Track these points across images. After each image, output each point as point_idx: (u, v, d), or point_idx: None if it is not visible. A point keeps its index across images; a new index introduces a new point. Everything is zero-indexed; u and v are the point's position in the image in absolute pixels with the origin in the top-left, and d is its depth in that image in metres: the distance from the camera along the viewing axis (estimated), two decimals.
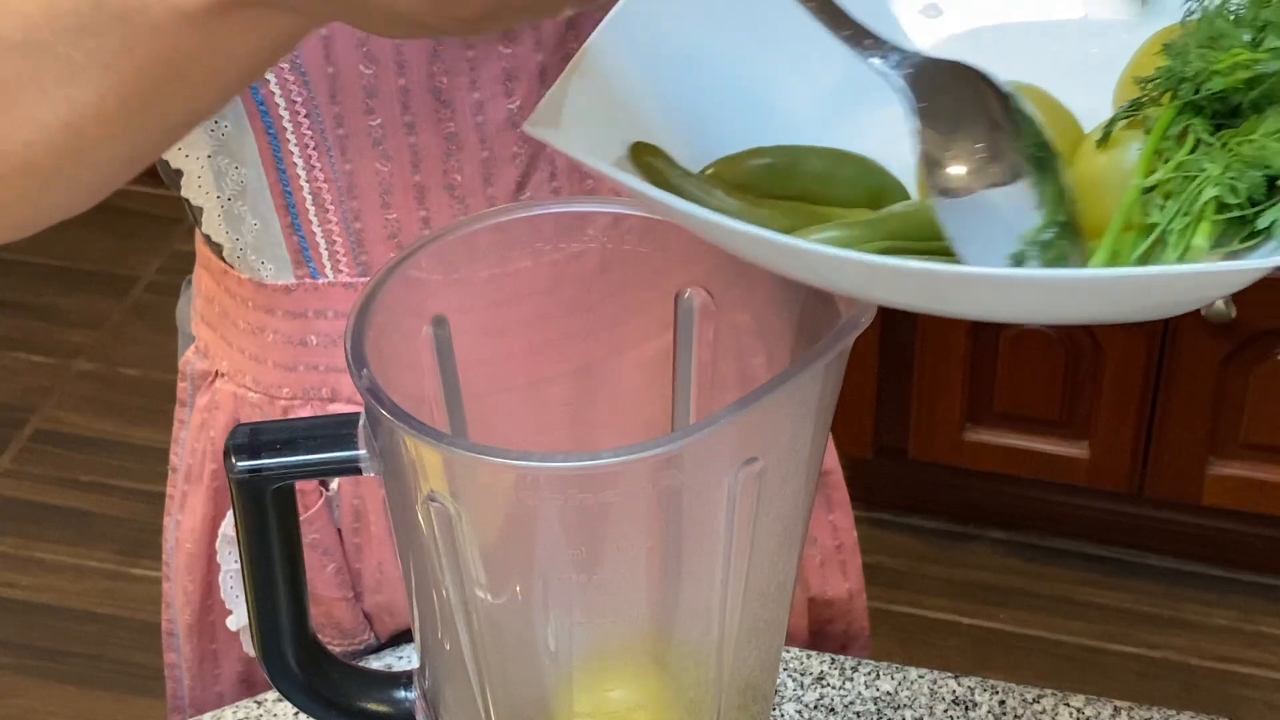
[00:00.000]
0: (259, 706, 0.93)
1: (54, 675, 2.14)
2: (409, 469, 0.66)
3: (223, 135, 0.88)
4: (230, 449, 0.69)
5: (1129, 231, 0.65)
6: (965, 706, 0.92)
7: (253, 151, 0.88)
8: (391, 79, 0.84)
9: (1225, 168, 0.64)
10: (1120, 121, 0.68)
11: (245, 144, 0.87)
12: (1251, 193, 0.63)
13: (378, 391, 0.64)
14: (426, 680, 0.75)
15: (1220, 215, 0.63)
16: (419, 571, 0.70)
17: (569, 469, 0.63)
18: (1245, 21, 0.68)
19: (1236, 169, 0.63)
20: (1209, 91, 0.66)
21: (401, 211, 0.89)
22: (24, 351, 2.55)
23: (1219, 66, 0.66)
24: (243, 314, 0.94)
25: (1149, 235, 0.64)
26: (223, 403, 0.97)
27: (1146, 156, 0.66)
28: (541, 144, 0.88)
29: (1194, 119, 0.67)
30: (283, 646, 0.73)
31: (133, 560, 2.27)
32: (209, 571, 1.00)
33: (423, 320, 0.73)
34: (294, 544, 0.71)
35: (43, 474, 2.39)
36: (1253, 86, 0.65)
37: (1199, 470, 2.07)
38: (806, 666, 0.94)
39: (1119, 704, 0.92)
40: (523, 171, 0.89)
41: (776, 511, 0.69)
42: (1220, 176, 0.63)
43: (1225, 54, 0.66)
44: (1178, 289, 0.59)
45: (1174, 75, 0.67)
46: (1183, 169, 0.65)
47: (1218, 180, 0.63)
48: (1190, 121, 0.66)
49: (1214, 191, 0.63)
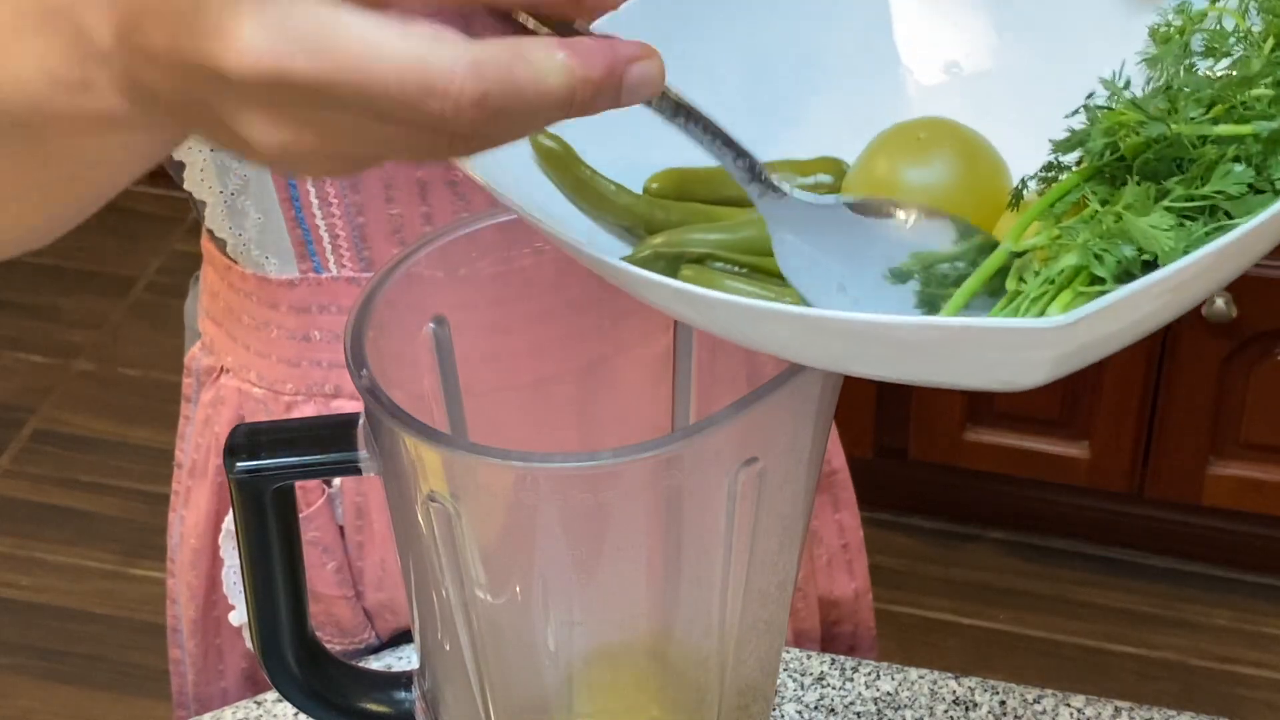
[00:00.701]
0: (259, 707, 0.93)
1: (53, 675, 2.14)
2: (409, 469, 0.66)
3: None
4: (230, 449, 0.69)
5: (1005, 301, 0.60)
6: (965, 707, 0.92)
7: None
8: None
9: (1096, 237, 0.58)
10: (1032, 184, 0.64)
11: None
12: (1126, 267, 0.57)
13: (377, 392, 0.64)
14: (426, 680, 0.75)
15: (1089, 288, 0.57)
16: (419, 571, 0.70)
17: (569, 469, 0.63)
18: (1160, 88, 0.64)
19: (1107, 240, 0.58)
20: (1091, 154, 0.61)
21: (404, 206, 0.89)
22: (24, 351, 2.55)
23: (1104, 126, 0.61)
24: (247, 309, 0.94)
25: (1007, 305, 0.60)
26: (227, 398, 0.97)
27: (1023, 221, 0.62)
28: None
29: (1099, 187, 0.61)
30: (282, 646, 0.73)
31: (132, 560, 2.27)
32: (213, 566, 1.00)
33: (424, 319, 0.73)
34: (294, 544, 0.71)
35: (42, 474, 2.39)
36: (1142, 153, 0.60)
37: (1199, 470, 2.07)
38: (806, 667, 0.94)
39: (1119, 704, 0.92)
40: None
41: (777, 512, 0.69)
42: (1084, 245, 0.58)
43: (1110, 114, 0.61)
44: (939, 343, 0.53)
45: (1078, 137, 0.63)
46: (1061, 236, 0.60)
47: (1079, 248, 0.58)
48: (1093, 189, 0.61)
49: (1072, 259, 0.58)
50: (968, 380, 0.55)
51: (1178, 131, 0.59)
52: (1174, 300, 0.54)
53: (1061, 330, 0.50)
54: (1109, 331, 0.53)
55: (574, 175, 0.67)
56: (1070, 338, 0.51)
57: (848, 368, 0.57)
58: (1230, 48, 0.65)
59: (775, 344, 0.57)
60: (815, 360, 0.57)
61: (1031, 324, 0.50)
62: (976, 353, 0.53)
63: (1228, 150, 0.59)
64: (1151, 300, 0.52)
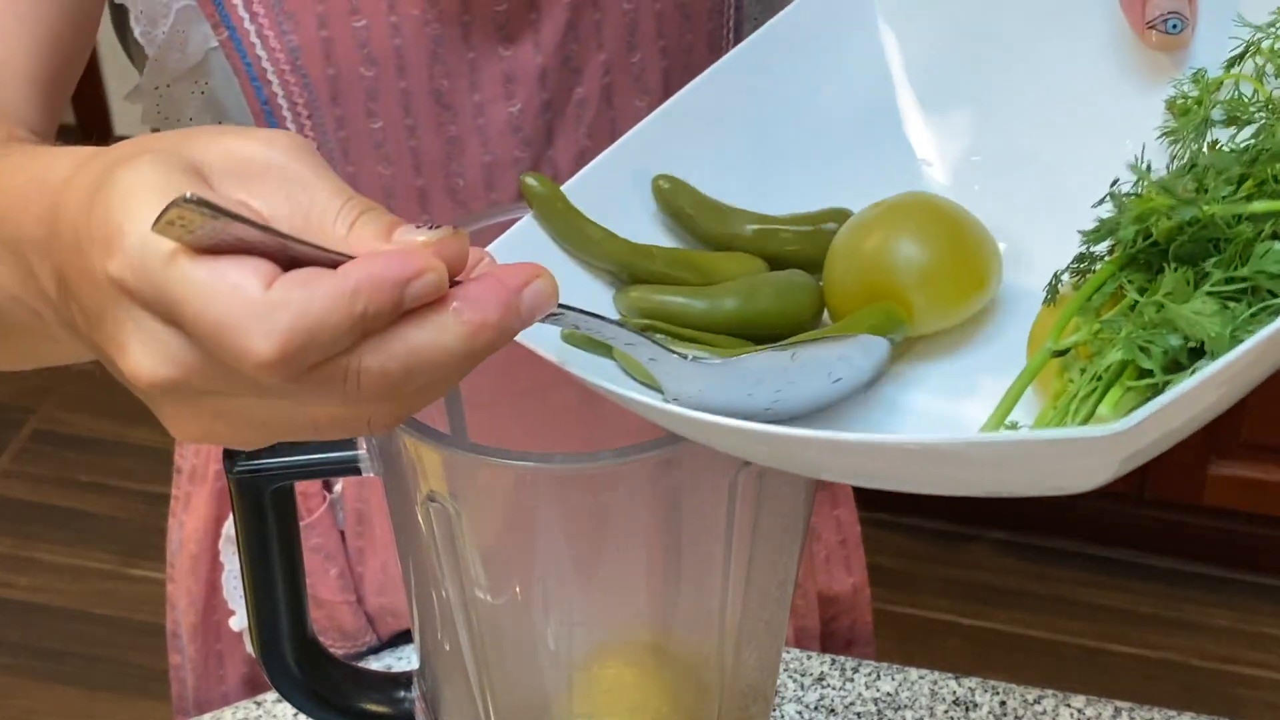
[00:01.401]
0: (259, 707, 0.93)
1: (53, 676, 2.14)
2: (409, 469, 0.66)
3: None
4: (230, 450, 0.69)
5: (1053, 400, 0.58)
6: (966, 707, 0.92)
7: None
8: (392, 81, 0.84)
9: (1140, 329, 0.56)
10: (1066, 278, 0.62)
11: None
12: (1174, 356, 0.55)
13: None
14: (426, 681, 0.75)
15: (1138, 382, 0.56)
16: (419, 572, 0.70)
17: (569, 470, 0.63)
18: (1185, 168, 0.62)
19: (1151, 331, 0.56)
20: (1124, 243, 0.59)
21: (404, 214, 0.88)
22: None
23: (1134, 214, 0.59)
24: None
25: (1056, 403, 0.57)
26: None
27: (1065, 315, 0.60)
28: (544, 149, 0.88)
29: (1135, 275, 0.59)
30: (282, 647, 0.73)
31: (131, 561, 2.27)
32: (213, 571, 1.00)
33: None
34: (293, 545, 0.71)
35: (42, 474, 2.39)
36: (1176, 238, 0.58)
37: (1199, 470, 2.07)
38: (806, 667, 0.94)
39: (1120, 704, 0.92)
40: None
41: (777, 513, 0.69)
42: (1128, 338, 0.56)
43: (1138, 200, 0.59)
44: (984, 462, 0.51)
45: (1108, 226, 0.61)
46: (1103, 331, 0.58)
47: (1124, 342, 0.56)
48: (1129, 278, 0.59)
49: (1118, 354, 0.56)
50: (1027, 489, 0.53)
51: (1211, 213, 0.57)
52: (1232, 388, 0.52)
53: (1127, 434, 0.48)
54: (1171, 428, 0.51)
55: (560, 218, 0.67)
56: (1135, 439, 0.49)
57: (911, 488, 0.55)
58: (1252, 115, 0.63)
59: (848, 472, 0.57)
60: (879, 482, 0.56)
61: (1097, 432, 0.48)
62: (1040, 464, 0.51)
63: (1264, 227, 0.57)
64: (1212, 390, 0.50)
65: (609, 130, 0.89)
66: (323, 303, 0.48)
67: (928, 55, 0.72)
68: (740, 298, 0.66)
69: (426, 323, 0.49)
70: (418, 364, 0.49)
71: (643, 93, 0.89)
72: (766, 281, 0.67)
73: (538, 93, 0.86)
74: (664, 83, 0.89)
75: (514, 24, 0.85)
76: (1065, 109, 0.69)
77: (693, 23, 0.89)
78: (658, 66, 0.89)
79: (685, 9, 0.88)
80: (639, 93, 0.89)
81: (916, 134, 0.71)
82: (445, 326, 0.49)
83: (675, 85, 0.90)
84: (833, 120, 0.71)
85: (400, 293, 0.48)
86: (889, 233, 0.65)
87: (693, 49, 0.90)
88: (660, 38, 0.88)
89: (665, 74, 0.89)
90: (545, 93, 0.86)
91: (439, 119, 0.86)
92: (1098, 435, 0.47)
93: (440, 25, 0.84)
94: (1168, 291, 0.56)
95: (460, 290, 0.50)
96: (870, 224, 0.66)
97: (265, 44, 0.83)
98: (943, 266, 0.65)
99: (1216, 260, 0.57)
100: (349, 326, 0.48)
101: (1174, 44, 0.65)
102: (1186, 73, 0.66)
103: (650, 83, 0.89)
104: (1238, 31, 0.65)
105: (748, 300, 0.66)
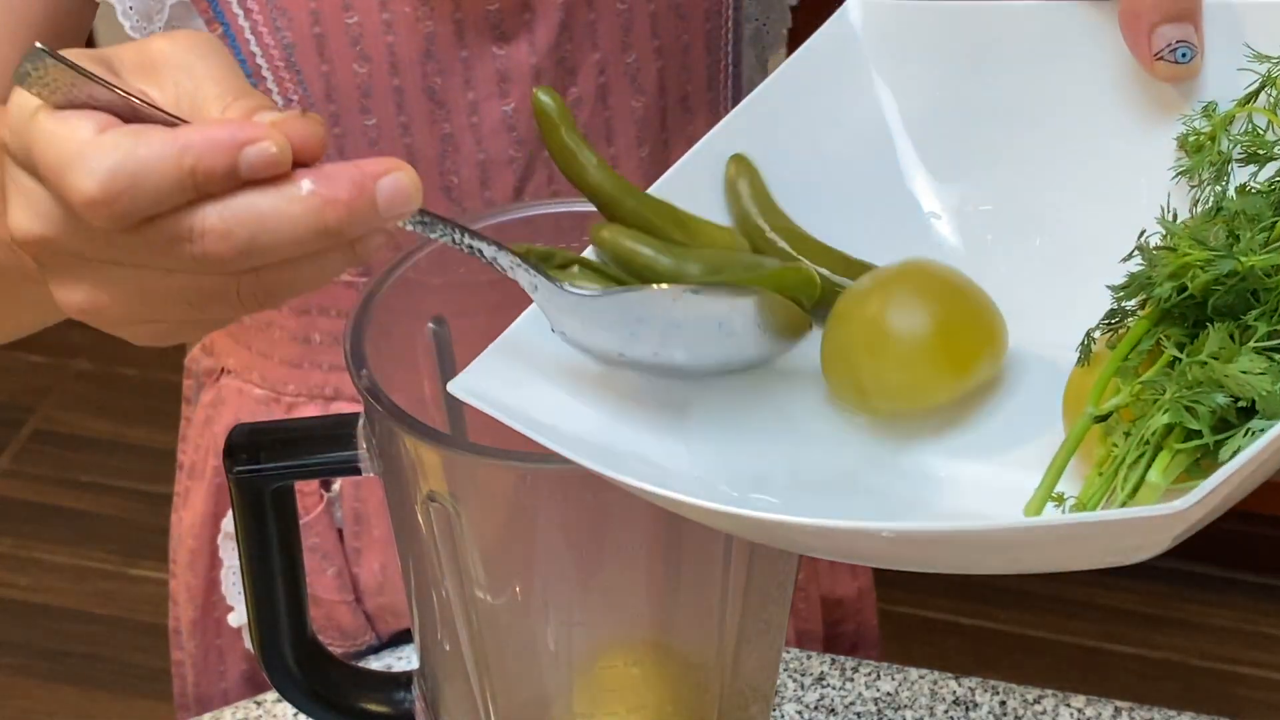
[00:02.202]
0: (259, 707, 0.93)
1: (53, 675, 2.14)
2: (408, 469, 0.65)
3: None
4: (229, 449, 0.69)
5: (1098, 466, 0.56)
6: (966, 707, 0.92)
7: None
8: (385, 78, 0.85)
9: (1184, 388, 0.53)
10: (1098, 335, 0.60)
11: None
12: (1221, 415, 0.53)
13: (377, 392, 0.64)
14: (426, 681, 0.75)
15: (1186, 444, 0.53)
16: (419, 572, 0.70)
17: (568, 470, 0.63)
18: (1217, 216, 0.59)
19: (1197, 390, 0.53)
20: (1160, 298, 0.56)
21: None
22: (22, 351, 2.54)
23: (1169, 270, 0.56)
24: None
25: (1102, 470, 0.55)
26: (227, 399, 0.97)
27: (1104, 378, 0.57)
28: (539, 148, 0.88)
29: (1171, 329, 0.57)
30: (282, 647, 0.73)
31: (132, 560, 2.27)
32: (211, 568, 1.00)
33: (423, 321, 0.73)
34: (293, 544, 0.71)
35: (41, 474, 2.39)
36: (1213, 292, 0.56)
37: None
38: (806, 667, 0.94)
39: (1120, 704, 0.92)
40: (520, 175, 0.89)
41: None
42: (1173, 399, 0.53)
43: (1173, 256, 0.56)
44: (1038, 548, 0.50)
45: (1139, 280, 0.58)
46: (1144, 392, 0.55)
47: (1170, 404, 0.53)
48: (1166, 333, 0.57)
49: (1165, 418, 0.53)
50: (1082, 564, 0.52)
51: (1249, 264, 0.55)
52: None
53: (1191, 510, 0.47)
54: (1228, 494, 0.49)
55: (559, 139, 0.65)
56: (1199, 512, 0.47)
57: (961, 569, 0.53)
58: (1273, 151, 0.61)
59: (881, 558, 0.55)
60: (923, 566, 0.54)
61: (1162, 510, 0.46)
62: (1101, 543, 0.50)
63: None
64: (1273, 454, 0.49)
65: (604, 130, 0.89)
66: (149, 150, 0.50)
67: (925, 105, 0.70)
68: (707, 266, 0.64)
69: (272, 190, 0.51)
70: (262, 230, 0.51)
71: (638, 93, 0.89)
72: (742, 260, 0.65)
73: (531, 92, 0.86)
74: (659, 83, 0.89)
75: (507, 23, 0.85)
76: (1071, 152, 0.67)
77: (689, 23, 0.89)
78: (653, 66, 0.89)
79: (680, 9, 0.88)
80: (634, 93, 0.89)
81: (921, 186, 0.69)
82: (291, 196, 0.51)
83: (671, 85, 0.90)
84: (836, 176, 0.69)
85: (233, 157, 0.51)
86: (887, 304, 0.63)
87: (690, 49, 0.90)
88: (655, 37, 0.88)
89: (660, 74, 0.89)
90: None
91: (432, 116, 0.86)
92: (1163, 514, 0.46)
93: (433, 23, 0.84)
94: (1213, 351, 0.54)
95: (314, 169, 0.52)
96: (867, 294, 0.64)
97: (259, 40, 0.84)
98: (945, 340, 0.63)
99: (1259, 313, 0.55)
100: (176, 178, 0.50)
101: (1183, 74, 0.63)
102: (1196, 107, 0.64)
103: (645, 83, 0.89)
104: (1247, 62, 0.63)
105: (712, 270, 0.64)
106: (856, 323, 0.63)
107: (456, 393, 0.60)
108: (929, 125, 0.70)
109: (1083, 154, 0.66)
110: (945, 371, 0.63)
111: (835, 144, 0.70)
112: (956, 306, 0.63)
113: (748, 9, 0.92)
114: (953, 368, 0.63)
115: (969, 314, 0.63)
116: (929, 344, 0.62)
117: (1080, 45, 0.67)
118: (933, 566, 0.54)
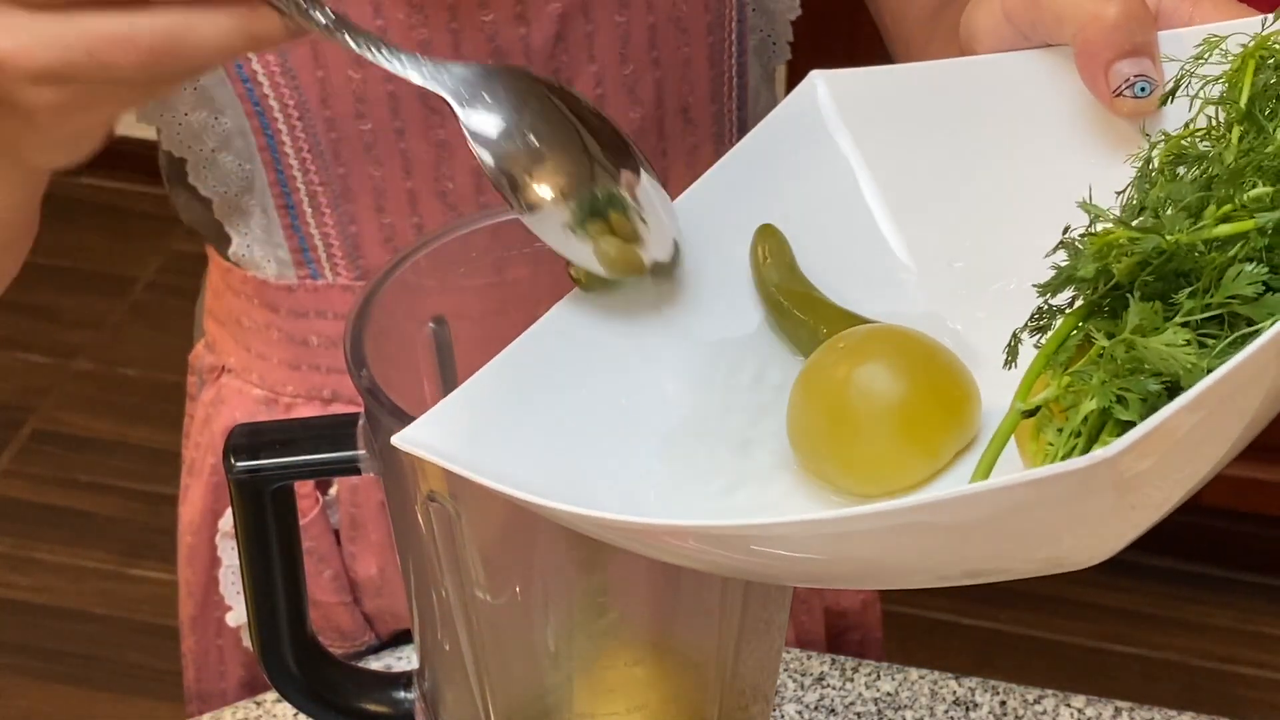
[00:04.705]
0: (259, 707, 0.93)
1: (53, 676, 2.14)
2: (408, 469, 0.65)
3: (224, 131, 0.88)
4: (229, 449, 0.69)
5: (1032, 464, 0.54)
6: (966, 707, 0.92)
7: (254, 150, 0.88)
8: (380, 84, 0.85)
9: (1111, 375, 0.52)
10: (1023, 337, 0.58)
11: (248, 142, 0.88)
12: (1152, 403, 0.51)
13: (377, 392, 0.64)
14: (426, 681, 0.75)
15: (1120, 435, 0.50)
16: (418, 572, 0.70)
17: None
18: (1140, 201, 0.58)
19: (1126, 378, 0.52)
20: (1084, 283, 0.55)
21: (395, 217, 0.89)
22: (23, 351, 2.54)
23: (1092, 251, 0.55)
24: (248, 311, 0.94)
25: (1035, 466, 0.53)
26: (227, 398, 0.97)
27: (1032, 373, 0.56)
28: None
29: (1100, 323, 0.55)
30: (282, 647, 0.73)
31: (132, 560, 2.27)
32: (210, 565, 1.00)
33: (422, 322, 0.73)
34: (293, 544, 0.71)
35: (41, 474, 2.39)
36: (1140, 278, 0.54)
37: None
38: (806, 667, 0.94)
39: (1120, 704, 0.92)
40: None
41: None
42: (1100, 387, 0.52)
43: (1096, 237, 0.55)
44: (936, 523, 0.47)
45: (1065, 273, 0.56)
46: (1074, 383, 0.53)
47: (1097, 390, 0.52)
48: (1094, 326, 0.55)
49: (1092, 405, 0.52)
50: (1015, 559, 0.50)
51: (1175, 241, 0.54)
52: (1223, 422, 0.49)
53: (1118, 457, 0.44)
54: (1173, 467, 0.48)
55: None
56: (1133, 463, 0.46)
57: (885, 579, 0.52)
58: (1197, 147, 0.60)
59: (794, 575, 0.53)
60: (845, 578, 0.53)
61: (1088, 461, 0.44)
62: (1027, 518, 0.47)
63: (1233, 251, 0.54)
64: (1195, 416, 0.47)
65: None
66: None
67: (893, 168, 0.69)
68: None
69: None
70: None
71: (635, 104, 0.89)
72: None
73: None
74: (657, 94, 0.89)
75: (503, 34, 0.85)
76: (1040, 196, 0.65)
77: (690, 36, 0.89)
78: (650, 78, 0.89)
79: (681, 22, 0.88)
80: (631, 104, 0.89)
81: (895, 245, 0.68)
82: None
83: (669, 96, 0.90)
84: (810, 239, 0.68)
85: None
86: (850, 381, 0.61)
87: (691, 61, 0.89)
88: (654, 49, 0.88)
89: (658, 85, 0.89)
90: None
91: (427, 122, 0.86)
92: (1091, 463, 0.44)
93: (428, 31, 0.84)
94: (1136, 326, 0.52)
95: None
96: (832, 367, 0.63)
97: None
98: (912, 424, 0.61)
99: (1189, 292, 0.54)
100: None
101: (1145, 108, 0.62)
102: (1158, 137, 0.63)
103: (643, 94, 0.89)
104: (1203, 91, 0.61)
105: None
106: (820, 399, 0.62)
107: (400, 445, 0.58)
108: (898, 187, 0.69)
109: (1052, 197, 0.64)
110: (915, 455, 0.61)
111: (808, 206, 0.69)
112: (925, 382, 0.61)
113: (752, 20, 0.92)
114: (923, 451, 0.61)
115: (938, 390, 0.62)
116: (896, 428, 0.61)
117: (1041, 91, 0.66)
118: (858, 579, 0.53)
